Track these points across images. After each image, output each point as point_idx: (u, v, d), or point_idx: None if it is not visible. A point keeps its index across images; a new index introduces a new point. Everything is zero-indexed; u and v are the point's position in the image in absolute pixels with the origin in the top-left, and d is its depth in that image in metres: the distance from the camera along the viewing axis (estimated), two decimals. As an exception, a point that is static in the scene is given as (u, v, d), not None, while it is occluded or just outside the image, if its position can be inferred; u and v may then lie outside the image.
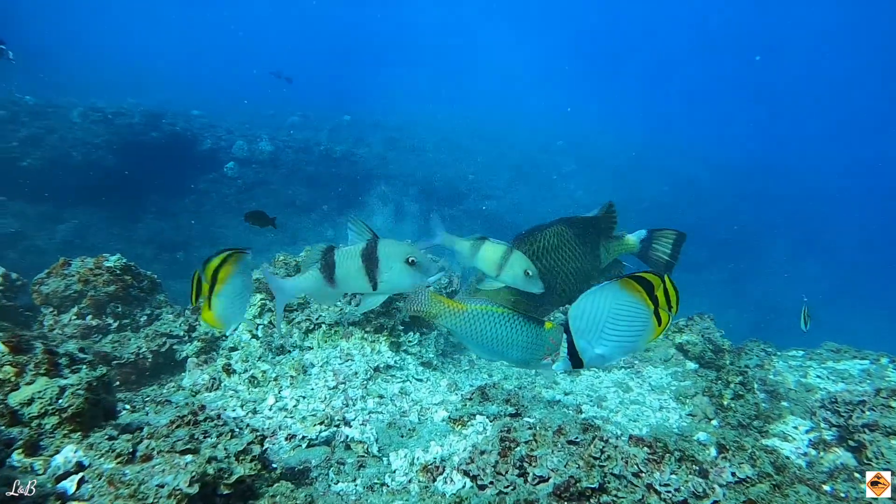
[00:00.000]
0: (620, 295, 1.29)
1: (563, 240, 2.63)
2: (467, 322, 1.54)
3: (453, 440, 1.60)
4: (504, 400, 1.74)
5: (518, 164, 11.65)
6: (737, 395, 2.30)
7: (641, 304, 1.32)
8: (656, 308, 1.34)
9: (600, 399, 2.38)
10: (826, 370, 3.09)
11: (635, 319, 1.31)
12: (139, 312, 2.50)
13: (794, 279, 11.18)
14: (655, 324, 1.36)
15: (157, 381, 2.16)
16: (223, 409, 1.70)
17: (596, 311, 1.28)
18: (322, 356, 2.01)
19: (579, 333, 1.30)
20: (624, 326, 1.31)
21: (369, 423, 1.64)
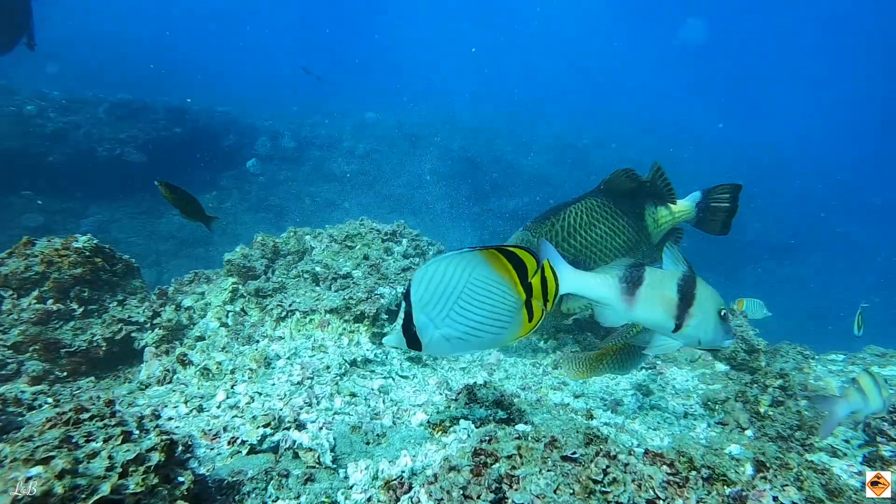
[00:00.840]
0: (482, 269, 1.01)
1: (595, 215, 2.33)
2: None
3: (430, 449, 1.32)
4: (495, 402, 1.46)
5: (544, 163, 11.31)
6: (776, 402, 1.97)
7: (508, 288, 1.03)
8: (529, 298, 1.07)
9: (616, 403, 2.07)
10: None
11: (497, 305, 1.03)
12: (109, 298, 2.27)
13: (830, 282, 10.63)
14: (525, 317, 1.08)
15: (114, 372, 1.93)
16: (161, 407, 1.46)
17: (447, 281, 1.00)
18: (291, 347, 1.75)
19: (421, 305, 1.02)
20: (480, 310, 1.03)
21: (332, 425, 1.38)
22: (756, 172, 14.01)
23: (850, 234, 12.77)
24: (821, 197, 14.23)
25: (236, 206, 8.43)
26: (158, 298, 2.14)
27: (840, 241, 12.32)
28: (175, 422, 1.39)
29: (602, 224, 2.27)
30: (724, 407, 2.06)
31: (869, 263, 11.64)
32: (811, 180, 15.14)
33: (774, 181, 13.72)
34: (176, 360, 1.73)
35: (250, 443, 1.22)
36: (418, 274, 1.01)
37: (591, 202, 2.34)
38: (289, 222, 2.98)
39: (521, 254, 1.04)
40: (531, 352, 2.56)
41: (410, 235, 2.26)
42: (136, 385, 1.67)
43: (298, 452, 1.20)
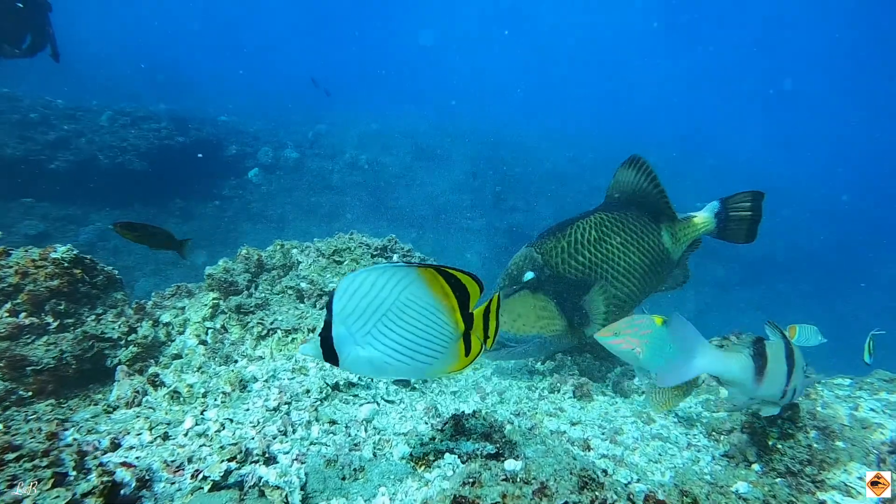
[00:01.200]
0: (417, 288, 0.91)
1: (605, 230, 2.22)
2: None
3: (411, 487, 1.21)
4: (483, 434, 1.35)
5: (546, 177, 11.24)
6: (784, 434, 1.86)
7: (444, 315, 0.94)
8: (468, 330, 0.97)
9: (615, 431, 1.96)
10: (880, 403, 2.61)
11: (429, 332, 0.94)
12: (87, 312, 2.18)
13: (831, 302, 10.49)
14: (460, 351, 0.98)
15: (85, 391, 1.83)
16: (123, 434, 1.35)
17: (374, 294, 0.91)
18: (269, 368, 1.65)
19: (342, 317, 0.92)
20: (408, 333, 0.93)
21: (306, 458, 1.27)
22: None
23: (858, 251, 12.62)
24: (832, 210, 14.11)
25: (238, 215, 8.39)
26: (136, 313, 2.04)
27: (847, 258, 12.18)
28: (136, 451, 1.29)
29: (613, 238, 2.17)
30: (729, 438, 1.94)
31: (878, 282, 11.49)
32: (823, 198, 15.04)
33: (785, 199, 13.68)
34: (147, 380, 1.63)
35: (213, 478, 1.12)
36: (345, 281, 0.92)
37: (601, 216, 2.25)
38: (290, 233, 2.89)
39: (464, 279, 0.94)
40: (527, 374, 2.45)
41: (402, 251, 2.16)
42: (101, 408, 1.57)
43: (265, 490, 1.09)
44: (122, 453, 1.27)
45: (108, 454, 1.27)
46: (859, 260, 12.29)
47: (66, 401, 1.77)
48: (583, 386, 2.25)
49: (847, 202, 14.84)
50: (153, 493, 1.12)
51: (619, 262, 2.14)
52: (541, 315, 2.14)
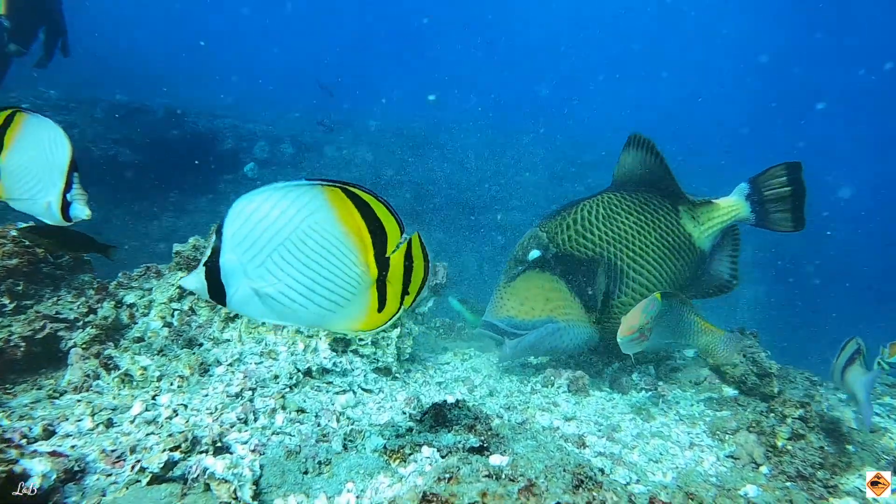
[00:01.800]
0: (323, 217, 0.77)
1: (615, 208, 2.05)
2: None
3: (382, 483, 1.06)
4: (467, 426, 1.20)
5: (545, 176, 11.10)
6: (795, 435, 1.72)
7: (353, 254, 0.80)
8: (382, 276, 0.83)
9: (612, 428, 1.82)
10: (884, 408, 2.49)
11: (334, 271, 0.79)
12: (50, 293, 2.02)
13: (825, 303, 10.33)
14: (372, 303, 0.84)
15: (35, 376, 1.67)
16: (59, 420, 1.20)
17: (273, 218, 0.77)
18: (235, 352, 1.50)
19: (234, 243, 0.78)
20: (308, 270, 0.79)
21: (266, 448, 1.12)
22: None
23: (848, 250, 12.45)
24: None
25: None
26: (97, 293, 1.89)
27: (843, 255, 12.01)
28: (73, 440, 1.14)
29: (625, 217, 2.00)
30: (735, 438, 1.80)
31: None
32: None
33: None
34: (99, 363, 1.48)
35: (151, 470, 0.97)
36: (240, 202, 0.77)
37: (609, 195, 2.09)
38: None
39: (382, 214, 0.79)
40: (519, 367, 2.31)
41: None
42: (46, 393, 1.42)
43: (210, 484, 0.94)
44: (55, 441, 1.13)
45: (39, 443, 1.12)
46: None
47: (12, 386, 1.62)
48: (578, 380, 2.10)
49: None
50: (81, 487, 0.97)
51: (634, 242, 1.97)
52: (550, 297, 1.94)
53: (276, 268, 0.78)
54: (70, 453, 1.05)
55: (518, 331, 1.95)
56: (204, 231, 2.18)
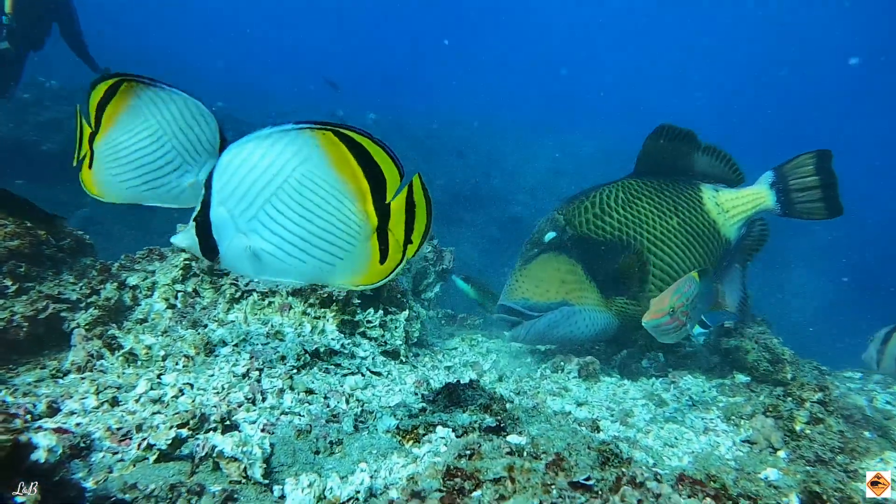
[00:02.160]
0: (316, 164, 0.72)
1: (635, 193, 1.99)
2: None
3: (396, 463, 1.03)
4: (482, 406, 1.17)
5: (545, 170, 11.03)
6: (815, 419, 1.68)
7: (351, 200, 0.75)
8: (384, 225, 0.78)
9: (625, 413, 1.78)
10: (894, 396, 2.47)
11: (331, 219, 0.75)
12: (52, 276, 1.99)
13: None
14: (374, 253, 0.79)
15: (38, 357, 1.64)
16: (64, 398, 1.17)
17: (264, 167, 0.72)
18: (241, 333, 1.46)
19: (224, 195, 0.74)
20: (303, 220, 0.74)
21: (275, 428, 1.09)
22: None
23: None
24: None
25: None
26: (99, 274, 1.85)
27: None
28: (77, 417, 1.10)
29: (646, 201, 1.94)
30: (751, 423, 1.77)
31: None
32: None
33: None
34: (103, 343, 1.44)
35: (159, 447, 0.93)
36: (229, 152, 0.72)
37: (629, 181, 2.03)
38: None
39: (380, 158, 0.75)
40: (528, 352, 2.27)
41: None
42: (49, 372, 1.38)
43: (220, 462, 0.90)
44: (59, 419, 1.09)
45: (44, 419, 1.09)
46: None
47: (15, 367, 1.58)
48: (588, 366, 2.07)
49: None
50: (88, 464, 0.94)
51: (655, 226, 1.90)
52: (566, 279, 1.88)
53: (269, 219, 0.74)
54: (75, 430, 1.01)
55: (533, 312, 1.91)
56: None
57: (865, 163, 14.19)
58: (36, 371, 1.42)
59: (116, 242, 6.80)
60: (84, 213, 6.92)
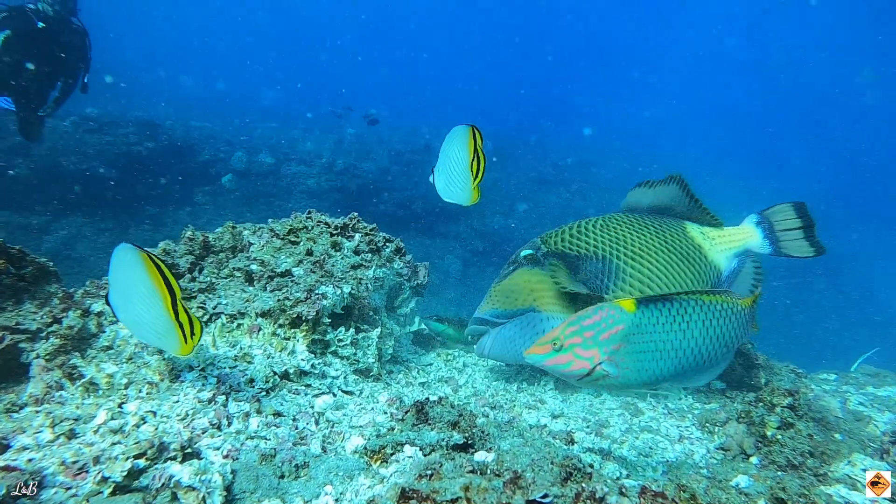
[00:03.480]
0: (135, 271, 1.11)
1: (616, 221, 1.96)
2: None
3: (363, 485, 1.01)
4: (450, 423, 1.16)
5: (528, 181, 11.10)
6: (785, 424, 1.70)
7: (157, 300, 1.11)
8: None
9: (600, 424, 1.78)
10: (866, 397, 2.50)
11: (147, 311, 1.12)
12: (12, 306, 1.93)
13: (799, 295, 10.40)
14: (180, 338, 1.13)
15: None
16: (16, 433, 1.13)
17: (120, 269, 1.13)
18: (207, 357, 1.43)
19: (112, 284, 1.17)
20: (138, 307, 1.14)
21: (239, 453, 1.06)
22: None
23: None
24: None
25: (212, 221, 8.07)
26: (62, 302, 1.80)
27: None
28: (30, 452, 1.07)
29: (626, 226, 1.94)
30: (724, 430, 1.78)
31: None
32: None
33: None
34: (63, 374, 1.40)
35: (114, 479, 0.91)
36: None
37: (611, 214, 2.06)
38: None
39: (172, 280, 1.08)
40: (504, 366, 2.27)
41: (364, 230, 1.97)
42: (3, 407, 1.34)
43: (177, 493, 0.88)
44: (9, 456, 1.05)
45: (-7, 456, 1.05)
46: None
47: (-29, 400, 1.53)
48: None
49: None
50: (36, 502, 0.90)
51: (633, 243, 1.90)
52: (536, 288, 1.87)
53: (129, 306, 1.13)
54: (25, 467, 0.98)
55: (500, 319, 1.89)
56: (176, 238, 2.11)
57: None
58: (-14, 406, 1.38)
59: (91, 265, 6.68)
60: (55, 238, 6.80)
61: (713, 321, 1.15)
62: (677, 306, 1.12)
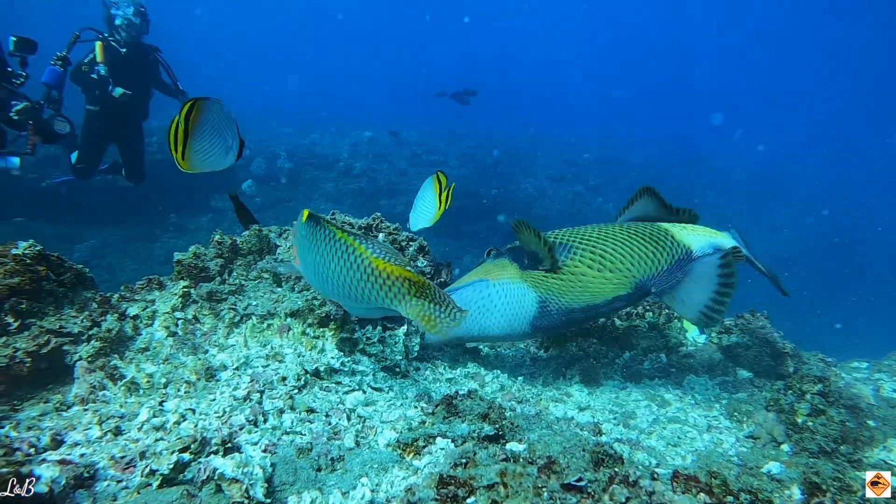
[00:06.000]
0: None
1: (605, 228, 1.99)
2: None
3: (397, 476, 1.04)
4: (480, 415, 1.18)
5: (543, 178, 11.07)
6: (816, 411, 1.68)
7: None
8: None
9: (627, 416, 1.79)
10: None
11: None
12: (53, 311, 2.01)
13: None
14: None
15: (41, 392, 1.65)
16: (67, 430, 1.18)
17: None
18: (241, 356, 1.48)
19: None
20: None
21: (277, 448, 1.10)
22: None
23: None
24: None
25: (232, 228, 8.20)
26: (100, 307, 1.87)
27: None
28: (81, 448, 1.12)
29: (595, 226, 1.94)
30: (753, 419, 1.77)
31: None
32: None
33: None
34: (105, 375, 1.46)
35: (161, 472, 0.95)
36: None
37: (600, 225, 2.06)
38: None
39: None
40: (529, 361, 2.28)
41: (388, 229, 2.00)
42: (53, 406, 1.40)
43: (221, 484, 0.92)
44: (63, 451, 1.11)
45: (48, 452, 1.10)
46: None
47: (20, 403, 1.60)
48: (590, 370, 2.08)
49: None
50: (92, 493, 0.95)
51: (595, 231, 1.88)
52: (490, 269, 1.87)
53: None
54: (79, 461, 1.03)
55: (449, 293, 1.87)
56: (205, 242, 2.16)
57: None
58: (40, 405, 1.44)
59: (119, 273, 6.83)
60: (85, 247, 6.97)
61: (338, 259, 1.14)
62: (325, 233, 1.15)
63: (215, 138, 1.42)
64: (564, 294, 1.80)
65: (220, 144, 1.44)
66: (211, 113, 1.40)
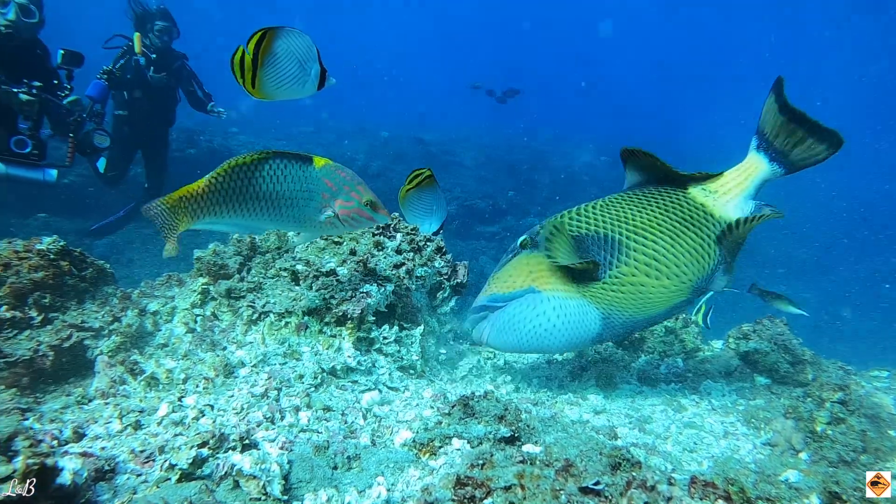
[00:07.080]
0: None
1: (616, 200, 1.85)
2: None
3: (413, 476, 1.05)
4: (497, 416, 1.18)
5: (559, 179, 11.02)
6: (835, 419, 1.66)
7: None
8: None
9: (643, 420, 1.78)
10: (923, 394, 2.41)
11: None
12: (75, 305, 2.05)
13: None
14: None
15: (63, 385, 1.68)
16: (88, 423, 1.20)
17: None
18: (258, 353, 1.49)
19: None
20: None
21: (293, 445, 1.11)
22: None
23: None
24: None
25: (248, 227, 8.29)
26: (121, 302, 1.90)
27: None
28: (101, 441, 1.14)
29: (626, 203, 1.84)
30: (771, 426, 1.75)
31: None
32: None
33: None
34: (125, 369, 1.48)
35: (180, 467, 0.96)
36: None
37: (613, 195, 1.98)
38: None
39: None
40: (545, 363, 2.27)
41: (405, 229, 2.00)
42: (74, 399, 1.42)
43: (239, 480, 0.93)
44: (85, 443, 1.13)
45: (69, 444, 1.12)
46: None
47: (42, 395, 1.63)
48: (606, 374, 2.07)
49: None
50: (112, 486, 0.97)
51: (635, 218, 1.80)
52: (534, 269, 1.78)
53: None
54: (100, 454, 1.04)
55: (497, 304, 1.81)
56: (225, 240, 2.18)
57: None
58: (62, 398, 1.47)
59: (138, 269, 6.93)
60: (105, 243, 7.08)
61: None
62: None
63: (292, 64, 1.41)
64: (626, 308, 1.75)
65: (297, 71, 1.42)
66: (286, 37, 1.38)
